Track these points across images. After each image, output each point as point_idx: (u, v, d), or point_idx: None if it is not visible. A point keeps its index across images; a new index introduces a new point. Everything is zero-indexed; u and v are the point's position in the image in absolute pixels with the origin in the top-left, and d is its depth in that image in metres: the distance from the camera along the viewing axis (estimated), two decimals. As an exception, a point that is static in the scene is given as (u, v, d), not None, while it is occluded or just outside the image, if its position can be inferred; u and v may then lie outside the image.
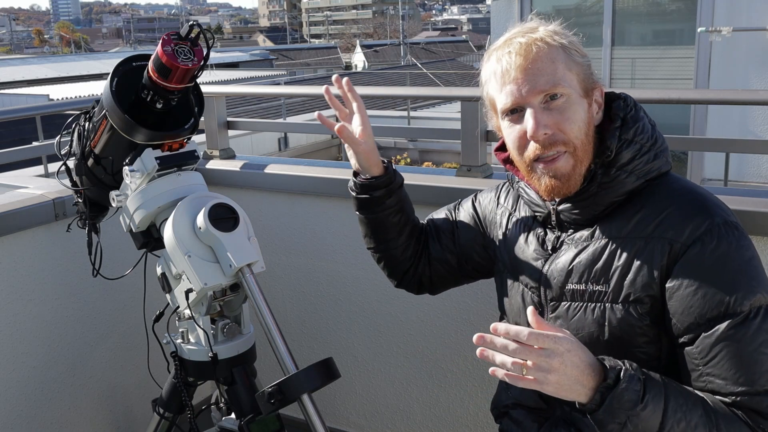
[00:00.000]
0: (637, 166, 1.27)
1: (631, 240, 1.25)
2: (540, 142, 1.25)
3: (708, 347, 1.17)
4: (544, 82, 1.23)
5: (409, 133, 8.48)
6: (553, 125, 1.24)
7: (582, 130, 1.25)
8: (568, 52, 1.26)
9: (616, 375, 1.12)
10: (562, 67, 1.24)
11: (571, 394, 1.12)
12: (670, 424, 1.11)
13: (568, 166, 1.26)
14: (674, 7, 7.59)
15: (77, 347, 2.35)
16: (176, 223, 1.60)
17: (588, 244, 1.30)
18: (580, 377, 1.12)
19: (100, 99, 1.65)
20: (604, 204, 1.28)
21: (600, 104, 1.31)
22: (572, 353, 1.11)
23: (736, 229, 1.21)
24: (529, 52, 1.24)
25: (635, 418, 1.11)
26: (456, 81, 20.61)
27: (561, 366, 1.10)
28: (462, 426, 2.35)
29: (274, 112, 12.69)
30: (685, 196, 1.25)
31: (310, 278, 2.54)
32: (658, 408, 1.12)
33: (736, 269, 1.18)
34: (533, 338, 1.10)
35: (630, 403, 1.10)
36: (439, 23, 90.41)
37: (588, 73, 1.28)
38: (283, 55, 38.58)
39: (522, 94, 1.24)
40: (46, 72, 24.67)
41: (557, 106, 1.24)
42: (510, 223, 1.49)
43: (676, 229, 1.21)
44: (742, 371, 1.15)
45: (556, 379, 1.10)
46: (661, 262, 1.21)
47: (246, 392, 1.70)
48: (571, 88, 1.25)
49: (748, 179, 6.52)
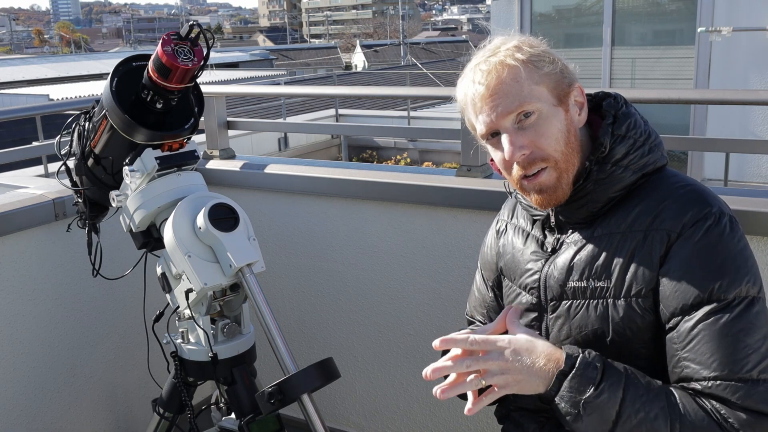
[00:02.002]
0: (632, 161, 1.27)
1: (630, 234, 1.25)
2: (520, 163, 1.27)
3: (686, 331, 1.17)
4: (509, 103, 1.24)
5: (409, 133, 8.48)
6: (529, 144, 1.25)
7: (561, 141, 1.26)
8: (532, 66, 1.25)
9: (572, 362, 1.15)
10: (528, 84, 1.24)
11: (532, 385, 1.17)
12: (627, 413, 1.12)
13: (551, 179, 1.27)
14: (674, 7, 7.59)
15: (77, 347, 2.35)
16: (176, 223, 1.60)
17: (588, 241, 1.30)
18: (532, 369, 1.16)
19: (100, 99, 1.65)
20: (602, 201, 1.29)
21: (581, 103, 1.31)
22: (513, 346, 1.18)
23: (731, 220, 1.22)
24: (490, 79, 1.25)
25: (589, 405, 1.12)
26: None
27: (510, 363, 1.16)
28: (462, 426, 2.35)
29: (274, 112, 12.69)
30: (682, 188, 1.25)
31: (310, 278, 2.54)
32: (615, 396, 1.13)
33: (725, 257, 1.18)
34: (471, 346, 1.18)
35: (584, 389, 1.13)
36: (439, 23, 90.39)
37: (560, 80, 1.27)
38: (283, 55, 38.58)
39: (493, 120, 1.26)
40: (46, 72, 24.65)
41: (530, 123, 1.25)
42: (507, 232, 1.49)
43: (673, 220, 1.22)
44: (717, 356, 1.14)
45: (514, 377, 1.16)
46: (660, 254, 1.22)
47: (246, 392, 1.70)
48: (542, 102, 1.25)
49: (748, 179, 6.52)
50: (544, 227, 1.40)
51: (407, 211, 2.27)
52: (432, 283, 2.27)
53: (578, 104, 1.30)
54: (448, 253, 2.22)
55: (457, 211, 2.17)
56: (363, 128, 9.32)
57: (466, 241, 2.16)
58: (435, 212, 2.21)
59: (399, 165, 9.91)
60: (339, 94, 8.64)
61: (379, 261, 2.37)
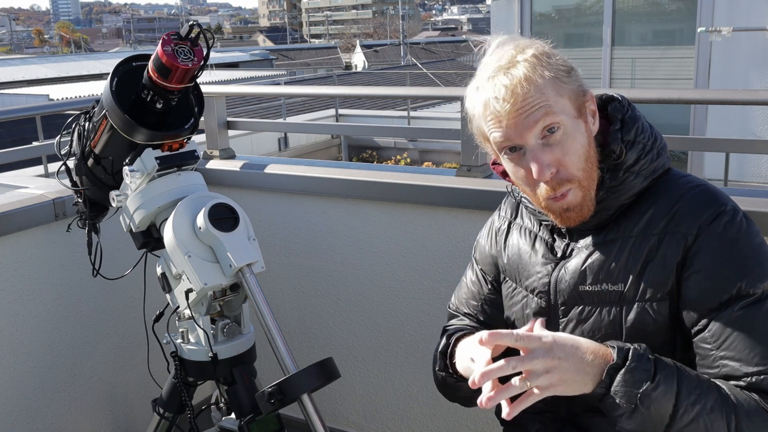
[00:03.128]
0: (644, 166, 1.26)
1: (644, 237, 1.24)
2: (549, 183, 1.23)
3: (720, 330, 1.16)
4: (537, 115, 1.19)
5: (409, 133, 8.48)
6: (554, 162, 1.21)
7: (582, 158, 1.23)
8: (557, 80, 1.21)
9: (624, 355, 1.10)
10: (553, 96, 1.20)
11: (578, 385, 1.10)
12: (684, 406, 1.09)
13: (578, 198, 1.24)
14: (674, 7, 7.59)
15: (77, 347, 2.35)
16: (176, 223, 1.60)
17: (600, 245, 1.29)
18: (580, 365, 1.09)
19: (100, 99, 1.65)
20: (614, 208, 1.28)
21: (594, 111, 1.28)
22: (558, 342, 1.09)
23: (745, 216, 1.22)
24: (516, 96, 1.19)
25: (647, 398, 1.07)
26: (456, 81, 20.60)
27: (556, 361, 1.07)
28: (462, 426, 2.35)
29: (274, 112, 12.68)
30: (693, 190, 1.25)
31: (310, 278, 2.54)
32: (671, 389, 1.09)
33: (747, 253, 1.18)
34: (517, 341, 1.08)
35: (640, 382, 1.08)
36: (439, 23, 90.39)
37: (578, 90, 1.24)
38: (283, 55, 38.57)
39: (518, 134, 1.21)
40: (46, 72, 24.65)
41: (556, 140, 1.21)
42: (512, 231, 1.47)
43: (688, 222, 1.21)
44: (757, 351, 1.13)
45: (560, 376, 1.08)
46: (676, 258, 1.21)
47: (246, 392, 1.70)
48: (565, 114, 1.21)
49: (748, 179, 6.52)
50: (553, 231, 1.38)
51: (407, 211, 2.27)
52: (432, 283, 2.27)
53: (591, 113, 1.27)
54: (448, 253, 2.22)
55: (457, 211, 2.17)
56: (363, 128, 9.32)
57: (466, 241, 2.16)
58: (435, 212, 2.21)
59: (399, 165, 9.90)
60: (339, 94, 8.64)
61: (379, 261, 2.37)
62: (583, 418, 1.34)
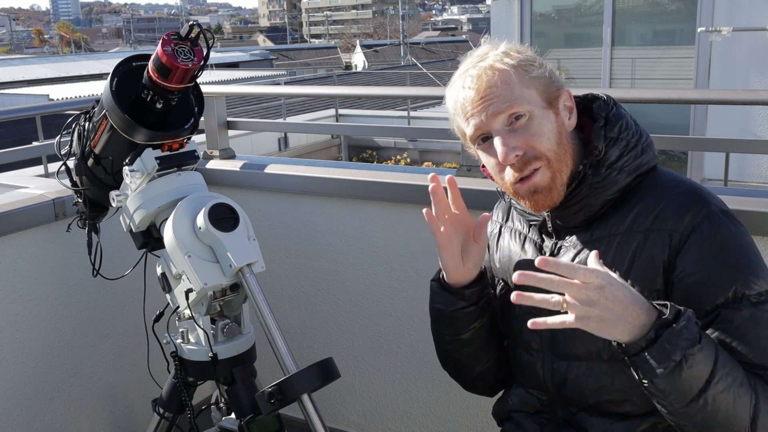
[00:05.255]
0: (627, 162, 1.27)
1: (630, 235, 1.25)
2: (514, 165, 1.26)
3: (720, 333, 1.17)
4: (499, 104, 1.24)
5: (409, 133, 8.49)
6: (522, 144, 1.25)
7: (553, 141, 1.26)
8: (522, 69, 1.26)
9: (675, 312, 1.09)
10: (518, 86, 1.25)
11: (614, 331, 1.08)
12: (720, 374, 1.09)
13: (546, 179, 1.27)
14: (674, 7, 7.59)
15: (77, 347, 2.35)
16: (176, 223, 1.60)
17: (587, 243, 1.30)
18: (623, 313, 1.08)
19: (100, 99, 1.65)
20: (597, 204, 1.29)
21: (570, 107, 1.31)
22: (614, 286, 1.08)
23: (732, 216, 1.23)
24: (480, 82, 1.25)
25: (691, 358, 1.07)
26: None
27: (602, 299, 1.06)
28: (462, 426, 2.35)
29: (274, 112, 12.70)
30: (678, 187, 1.26)
31: (310, 278, 2.54)
32: (711, 355, 1.09)
33: (737, 255, 1.19)
34: (572, 271, 1.06)
35: (688, 342, 1.07)
36: (439, 23, 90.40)
37: (549, 84, 1.28)
38: (283, 55, 38.58)
39: (483, 121, 1.26)
40: (46, 72, 24.66)
41: (521, 125, 1.25)
42: (502, 235, 1.49)
43: (674, 220, 1.22)
44: (758, 351, 1.15)
45: (598, 313, 1.06)
46: (662, 256, 1.22)
47: (246, 392, 1.70)
48: (532, 104, 1.25)
49: (748, 179, 6.52)
50: (542, 231, 1.39)
51: (407, 211, 2.27)
52: (432, 283, 2.27)
53: (567, 108, 1.31)
54: (448, 253, 2.21)
55: (457, 211, 2.17)
56: (363, 128, 9.33)
57: (466, 241, 2.16)
58: (435, 212, 2.21)
59: (399, 165, 9.91)
60: (339, 94, 8.64)
61: (379, 261, 2.37)
62: (580, 418, 1.34)
